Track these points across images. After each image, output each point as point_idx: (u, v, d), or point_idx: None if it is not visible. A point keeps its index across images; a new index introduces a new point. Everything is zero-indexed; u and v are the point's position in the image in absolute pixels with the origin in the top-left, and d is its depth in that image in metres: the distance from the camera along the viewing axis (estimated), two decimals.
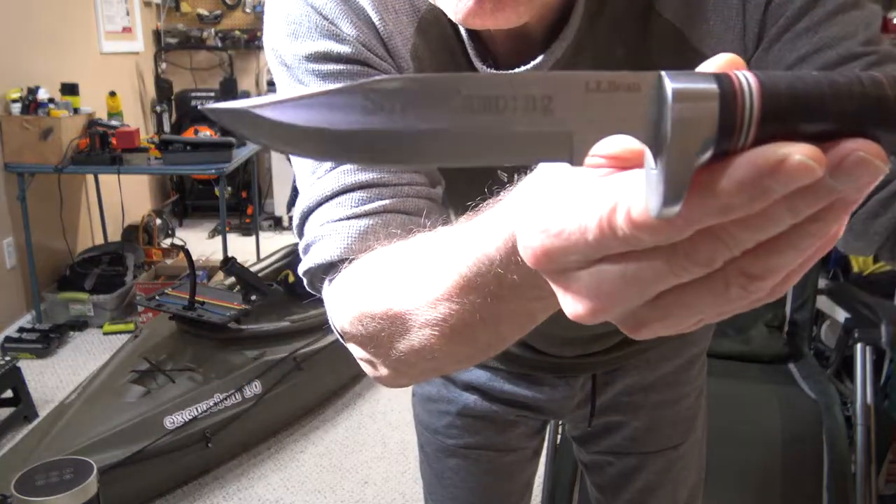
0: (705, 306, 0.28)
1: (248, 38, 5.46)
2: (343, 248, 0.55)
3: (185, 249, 2.77)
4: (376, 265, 0.52)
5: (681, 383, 0.99)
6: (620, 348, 0.93)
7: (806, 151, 0.23)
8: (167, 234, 4.64)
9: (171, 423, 2.21)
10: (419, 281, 0.45)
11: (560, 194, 0.28)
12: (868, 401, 1.92)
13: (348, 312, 0.53)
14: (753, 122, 0.23)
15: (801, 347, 2.22)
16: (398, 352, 0.49)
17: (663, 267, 0.26)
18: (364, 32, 0.60)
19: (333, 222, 0.56)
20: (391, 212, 0.56)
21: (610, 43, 0.60)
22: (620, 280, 0.27)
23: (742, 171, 0.24)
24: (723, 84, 0.23)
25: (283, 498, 2.32)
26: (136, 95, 4.97)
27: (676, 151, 0.23)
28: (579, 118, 0.25)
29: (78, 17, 4.17)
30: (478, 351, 0.48)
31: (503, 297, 0.39)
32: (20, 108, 3.37)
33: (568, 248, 0.27)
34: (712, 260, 0.26)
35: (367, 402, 2.92)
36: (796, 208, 0.25)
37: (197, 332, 2.60)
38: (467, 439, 0.99)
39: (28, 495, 0.74)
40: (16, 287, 3.49)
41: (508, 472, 1.03)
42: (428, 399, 1.01)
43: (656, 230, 0.25)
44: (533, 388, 0.96)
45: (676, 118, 0.23)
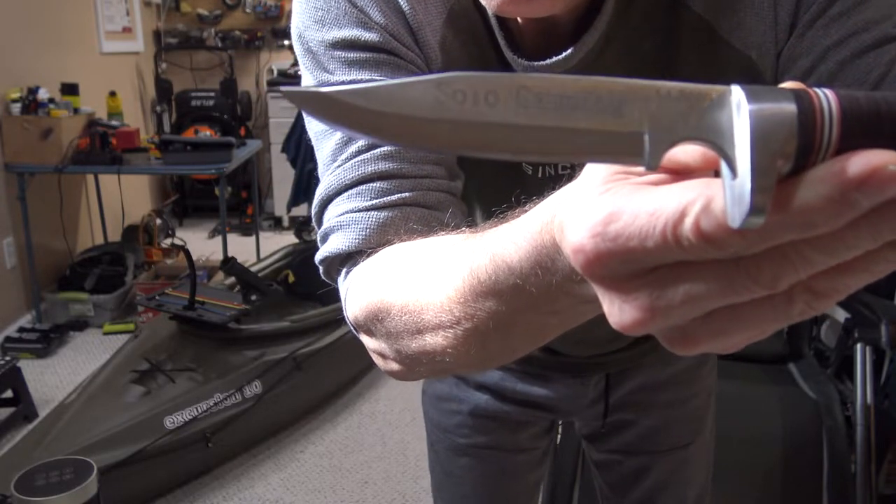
0: (764, 323, 0.26)
1: (248, 38, 5.46)
2: (361, 239, 0.55)
3: (185, 249, 2.77)
4: (395, 260, 0.52)
5: (691, 382, 1.00)
6: (633, 347, 0.93)
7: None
8: (167, 234, 4.64)
9: (171, 423, 2.21)
10: (436, 281, 0.44)
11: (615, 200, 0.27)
12: (868, 401, 1.92)
13: (363, 305, 0.53)
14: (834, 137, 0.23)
15: (801, 347, 2.22)
16: (409, 349, 0.49)
17: (723, 284, 0.25)
18: (393, 21, 0.60)
19: (353, 212, 0.56)
20: (411, 205, 0.56)
21: (638, 36, 0.60)
22: (674, 293, 0.26)
23: (829, 182, 0.22)
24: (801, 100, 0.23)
25: (283, 498, 2.32)
26: (136, 95, 4.97)
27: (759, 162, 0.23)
28: (651, 122, 0.25)
29: (78, 17, 4.17)
30: (487, 358, 0.47)
31: (518, 308, 0.38)
32: (20, 108, 3.37)
33: (624, 255, 0.26)
34: (777, 281, 0.24)
35: (367, 402, 2.92)
36: (879, 233, 0.23)
37: (197, 332, 2.60)
38: (478, 439, 0.99)
39: (28, 495, 0.74)
40: (16, 287, 3.49)
41: (518, 472, 1.03)
42: (439, 398, 1.01)
43: (725, 242, 0.24)
44: (546, 387, 0.96)
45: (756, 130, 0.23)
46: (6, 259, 3.41)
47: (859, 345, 2.00)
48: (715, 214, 0.24)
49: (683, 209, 0.24)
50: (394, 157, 0.56)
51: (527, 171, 0.66)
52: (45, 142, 3.34)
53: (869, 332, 1.99)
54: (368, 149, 0.57)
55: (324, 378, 2.80)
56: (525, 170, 0.66)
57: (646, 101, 0.25)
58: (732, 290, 0.25)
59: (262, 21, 5.50)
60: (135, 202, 4.61)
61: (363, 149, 0.57)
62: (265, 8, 5.44)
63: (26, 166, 3.36)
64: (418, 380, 0.61)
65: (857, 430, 1.91)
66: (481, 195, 0.68)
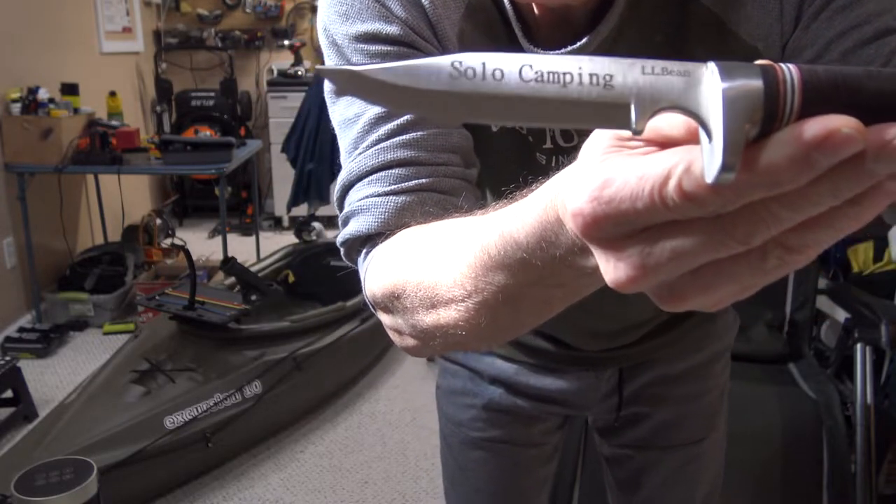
0: (743, 277, 0.29)
1: (248, 38, 5.46)
2: (380, 222, 0.59)
3: (185, 249, 2.77)
4: (411, 241, 0.55)
5: (704, 378, 1.01)
6: (647, 341, 0.94)
7: (850, 123, 0.25)
8: (167, 234, 4.64)
9: (171, 423, 2.21)
10: (449, 259, 0.47)
11: (608, 167, 0.30)
12: (868, 401, 1.93)
13: (381, 283, 0.56)
14: (795, 105, 0.26)
15: (801, 347, 2.22)
16: (425, 324, 0.52)
17: (705, 239, 0.28)
18: (413, 15, 0.62)
19: (373, 197, 0.59)
20: (428, 190, 0.59)
21: (650, 28, 0.63)
22: (663, 251, 0.29)
23: (792, 142, 0.25)
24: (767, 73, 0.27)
25: (283, 498, 2.32)
26: (136, 95, 4.97)
27: (729, 126, 0.26)
28: (637, 93, 0.29)
29: (78, 17, 4.17)
30: (498, 330, 0.49)
31: (525, 281, 0.41)
32: (20, 108, 3.37)
33: (617, 216, 0.29)
34: (751, 236, 0.27)
35: (367, 402, 2.92)
36: (838, 190, 0.26)
37: (197, 332, 2.60)
38: (491, 432, 1.00)
39: (28, 495, 0.74)
40: (16, 287, 3.49)
41: (530, 466, 1.04)
42: (453, 392, 1.02)
43: (705, 200, 0.27)
44: (559, 380, 0.96)
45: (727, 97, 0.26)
46: (6, 259, 3.41)
47: (859, 345, 2.00)
48: (695, 175, 0.27)
49: (668, 172, 0.27)
50: (412, 146, 0.59)
51: (540, 161, 0.69)
52: (45, 142, 3.34)
53: (869, 332, 1.99)
54: (388, 137, 0.60)
55: (324, 378, 2.80)
56: (539, 160, 0.69)
57: (632, 76, 0.29)
58: (713, 246, 0.28)
59: (262, 21, 5.50)
60: (135, 202, 4.61)
61: (383, 137, 0.60)
62: (265, 8, 5.44)
63: (26, 166, 3.36)
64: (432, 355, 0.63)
65: (857, 430, 1.91)
66: (495, 183, 0.70)
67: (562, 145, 0.68)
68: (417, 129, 0.60)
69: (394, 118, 0.60)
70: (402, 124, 0.60)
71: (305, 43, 5.45)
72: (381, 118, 0.61)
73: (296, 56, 5.26)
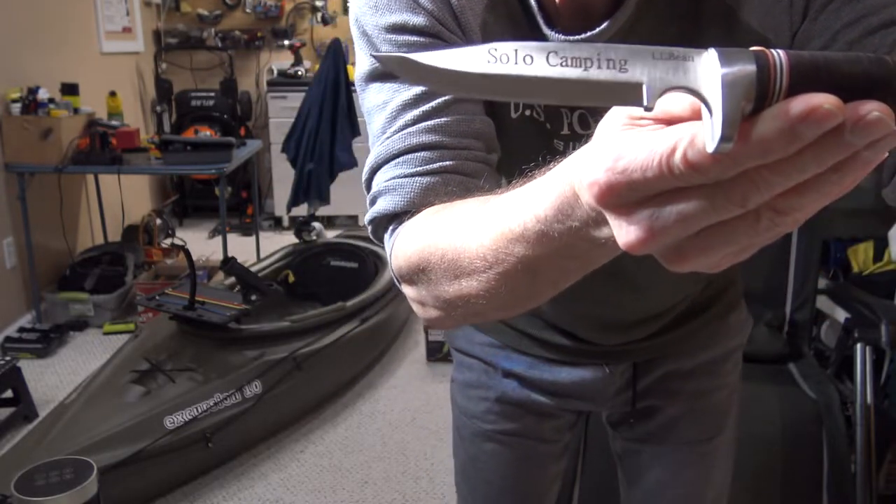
0: (739, 237, 0.33)
1: (248, 38, 5.46)
2: (406, 201, 0.62)
3: (185, 249, 2.77)
4: (435, 218, 0.58)
5: (716, 375, 1.02)
6: (660, 336, 0.95)
7: (830, 100, 0.29)
8: (167, 234, 4.64)
9: (171, 423, 2.21)
10: (472, 233, 0.50)
11: (621, 141, 0.33)
12: (868, 401, 1.93)
13: (407, 257, 0.60)
14: (784, 85, 0.30)
15: (801, 347, 2.22)
16: (448, 294, 0.55)
17: (706, 204, 0.31)
18: (439, 7, 0.66)
19: (399, 178, 0.63)
20: (451, 172, 0.62)
21: (665, 17, 0.66)
22: (670, 215, 0.32)
23: (780, 117, 0.29)
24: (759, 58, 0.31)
25: (283, 498, 2.32)
26: (136, 95, 4.97)
27: (727, 103, 0.30)
28: (648, 75, 0.32)
29: (78, 17, 4.17)
30: (516, 300, 0.53)
31: (542, 253, 0.44)
32: (20, 108, 3.37)
33: (629, 185, 0.32)
34: (746, 200, 0.31)
35: (367, 402, 2.92)
36: (821, 159, 0.30)
37: (197, 332, 2.60)
38: (504, 425, 1.01)
39: (28, 495, 0.74)
40: (16, 287, 3.49)
41: (541, 462, 1.05)
42: (468, 385, 1.04)
43: (707, 168, 0.30)
44: (574, 374, 0.97)
45: (726, 81, 0.30)
46: (6, 259, 3.41)
47: (859, 345, 2.00)
48: (698, 146, 0.30)
49: (675, 144, 0.31)
50: (436, 131, 0.63)
51: (558, 147, 0.72)
52: (45, 142, 3.34)
53: (869, 332, 1.99)
54: (414, 123, 0.64)
55: (324, 378, 2.80)
56: (556, 146, 0.72)
57: (644, 60, 0.33)
58: (713, 209, 0.32)
59: (262, 21, 5.50)
60: (135, 202, 4.61)
61: (409, 123, 0.64)
62: (265, 8, 5.44)
63: (26, 166, 3.36)
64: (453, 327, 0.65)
65: (857, 430, 1.91)
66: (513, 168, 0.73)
67: (579, 132, 0.71)
68: (442, 116, 0.63)
69: (420, 105, 0.64)
70: (427, 111, 0.64)
71: (305, 43, 5.45)
72: (408, 105, 0.64)
73: (296, 56, 5.26)
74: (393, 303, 3.24)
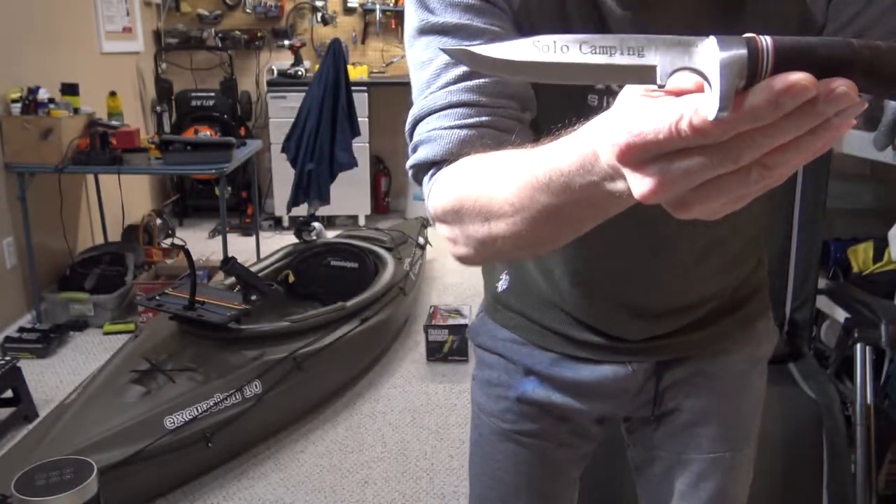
0: (733, 188, 0.39)
1: (248, 38, 5.46)
2: (445, 151, 0.68)
3: (186, 249, 2.77)
4: (471, 167, 0.64)
5: (742, 384, 1.01)
6: (686, 333, 0.94)
7: (806, 78, 0.36)
8: (167, 234, 4.64)
9: (171, 423, 2.21)
10: (503, 181, 0.57)
11: (638, 110, 0.40)
12: (868, 401, 1.93)
13: (443, 200, 0.66)
14: (770, 65, 0.37)
15: (801, 347, 2.22)
16: (477, 234, 0.62)
17: (707, 162, 0.38)
18: None
19: (439, 129, 0.69)
20: (486, 127, 0.68)
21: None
22: (677, 170, 0.39)
23: (766, 91, 0.36)
24: (750, 44, 0.37)
25: (283, 498, 2.32)
26: (136, 95, 4.97)
27: (724, 81, 0.36)
28: (660, 59, 0.40)
29: (78, 17, 4.17)
30: (538, 242, 0.60)
31: (564, 202, 0.51)
32: (20, 108, 3.36)
33: (645, 145, 0.39)
34: (739, 158, 0.38)
35: (367, 402, 2.92)
36: (799, 124, 0.37)
37: (197, 332, 2.60)
38: (522, 426, 1.01)
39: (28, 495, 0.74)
40: (16, 287, 3.49)
41: (557, 467, 1.05)
42: (488, 383, 1.04)
43: (707, 132, 0.37)
44: (596, 371, 0.97)
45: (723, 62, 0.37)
46: (6, 259, 3.41)
47: (859, 345, 2.00)
48: (700, 115, 0.37)
49: (682, 112, 0.37)
50: (475, 91, 0.69)
51: (591, 103, 0.77)
52: (45, 142, 3.34)
53: (869, 332, 1.99)
54: (455, 82, 0.70)
55: (324, 378, 2.80)
56: (590, 101, 0.77)
57: (657, 47, 0.40)
58: (712, 166, 0.38)
59: (262, 21, 5.50)
60: (135, 202, 4.61)
61: (451, 82, 0.70)
62: (265, 8, 5.44)
63: (26, 166, 3.36)
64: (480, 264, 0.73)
65: (857, 430, 1.91)
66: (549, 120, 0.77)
67: (614, 89, 0.74)
68: (481, 77, 0.69)
69: (461, 66, 0.69)
70: (467, 72, 0.69)
71: (305, 43, 5.45)
72: (450, 64, 0.70)
73: (296, 56, 5.26)
74: (393, 303, 3.24)
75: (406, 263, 3.62)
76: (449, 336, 3.23)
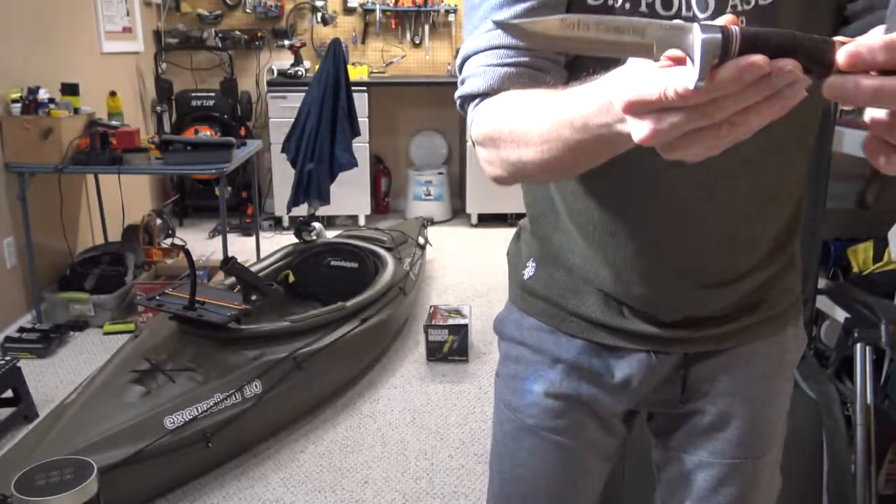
0: (708, 139, 0.50)
1: (248, 38, 5.46)
2: (488, 84, 0.79)
3: (186, 249, 2.77)
4: (510, 101, 0.76)
5: (769, 387, 1.02)
6: (716, 325, 0.95)
7: (762, 59, 0.46)
8: (167, 234, 4.64)
9: (171, 423, 2.21)
10: (534, 116, 0.69)
11: (640, 75, 0.50)
12: (868, 401, 1.93)
13: (484, 127, 0.78)
14: (738, 48, 0.47)
15: None
16: (510, 158, 0.74)
17: (688, 118, 0.48)
18: None
19: (485, 66, 0.80)
20: (524, 66, 0.79)
21: None
22: (666, 122, 0.49)
23: (733, 67, 0.46)
24: (724, 31, 0.47)
25: (283, 498, 2.32)
26: (136, 95, 4.97)
27: (703, 58, 0.46)
28: (657, 40, 0.50)
29: (78, 17, 4.17)
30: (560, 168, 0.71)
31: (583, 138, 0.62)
32: (20, 108, 3.36)
33: (643, 103, 0.50)
34: (713, 116, 0.48)
35: (367, 402, 2.92)
36: (758, 92, 0.47)
37: (197, 332, 2.60)
38: (547, 421, 1.01)
39: (28, 495, 0.74)
40: (16, 287, 3.49)
41: (581, 465, 1.04)
42: (514, 378, 1.04)
43: (688, 97, 0.47)
44: (622, 362, 0.98)
45: (703, 43, 0.47)
46: (6, 259, 3.41)
47: (859, 345, 1.99)
48: (683, 83, 0.47)
49: (668, 81, 0.47)
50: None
51: None
52: (45, 142, 3.34)
53: (869, 332, 1.99)
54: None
55: (324, 378, 2.80)
56: None
57: (654, 30, 0.50)
58: (692, 121, 0.48)
59: (262, 21, 5.50)
60: (135, 202, 4.61)
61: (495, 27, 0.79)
62: (265, 8, 5.44)
63: (26, 166, 3.36)
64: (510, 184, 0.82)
65: (857, 430, 1.90)
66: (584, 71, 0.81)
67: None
68: None
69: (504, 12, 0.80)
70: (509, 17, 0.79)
71: (305, 43, 5.45)
72: (495, 8, 0.81)
73: (296, 56, 5.26)
74: (393, 303, 3.24)
75: (406, 263, 3.62)
76: (449, 336, 3.23)
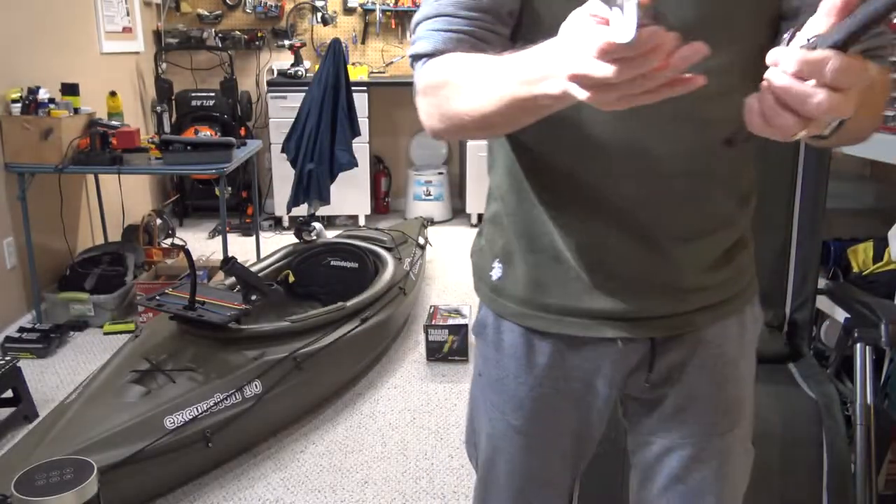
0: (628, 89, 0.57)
1: (248, 38, 5.46)
2: (434, 47, 0.88)
3: (186, 249, 2.77)
4: (452, 61, 0.84)
5: (733, 372, 1.05)
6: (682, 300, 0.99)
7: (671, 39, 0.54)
8: (167, 234, 4.65)
9: (171, 423, 2.21)
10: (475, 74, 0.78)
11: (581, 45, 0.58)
12: (868, 401, 1.92)
13: (429, 79, 0.86)
14: None
15: (801, 347, 2.22)
16: (451, 111, 0.81)
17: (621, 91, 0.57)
18: None
19: (433, 30, 0.89)
20: (463, 34, 0.87)
21: None
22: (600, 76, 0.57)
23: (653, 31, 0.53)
24: None
25: (283, 498, 2.32)
26: (136, 95, 4.97)
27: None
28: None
29: (78, 17, 4.17)
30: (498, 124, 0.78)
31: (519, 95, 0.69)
32: (20, 108, 3.36)
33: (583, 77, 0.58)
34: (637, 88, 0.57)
35: (367, 402, 2.92)
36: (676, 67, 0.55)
37: (197, 332, 2.60)
38: (529, 420, 1.06)
39: (28, 495, 0.74)
40: (16, 287, 3.49)
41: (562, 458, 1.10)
42: (497, 380, 1.08)
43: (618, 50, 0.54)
44: (592, 353, 1.02)
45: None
46: (6, 259, 3.41)
47: (859, 345, 1.99)
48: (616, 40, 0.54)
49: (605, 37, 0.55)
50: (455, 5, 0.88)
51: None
52: (45, 142, 3.34)
53: (869, 332, 1.99)
54: None
55: (324, 378, 2.80)
56: None
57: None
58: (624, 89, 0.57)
59: (262, 21, 5.50)
60: (135, 202, 4.61)
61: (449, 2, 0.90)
62: (265, 8, 5.44)
63: (26, 166, 3.36)
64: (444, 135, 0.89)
65: (857, 430, 1.90)
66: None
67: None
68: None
69: None
70: None
71: (305, 43, 5.45)
72: None
73: (296, 56, 5.26)
74: (393, 303, 3.24)
75: (406, 263, 3.62)
76: (449, 336, 3.23)
